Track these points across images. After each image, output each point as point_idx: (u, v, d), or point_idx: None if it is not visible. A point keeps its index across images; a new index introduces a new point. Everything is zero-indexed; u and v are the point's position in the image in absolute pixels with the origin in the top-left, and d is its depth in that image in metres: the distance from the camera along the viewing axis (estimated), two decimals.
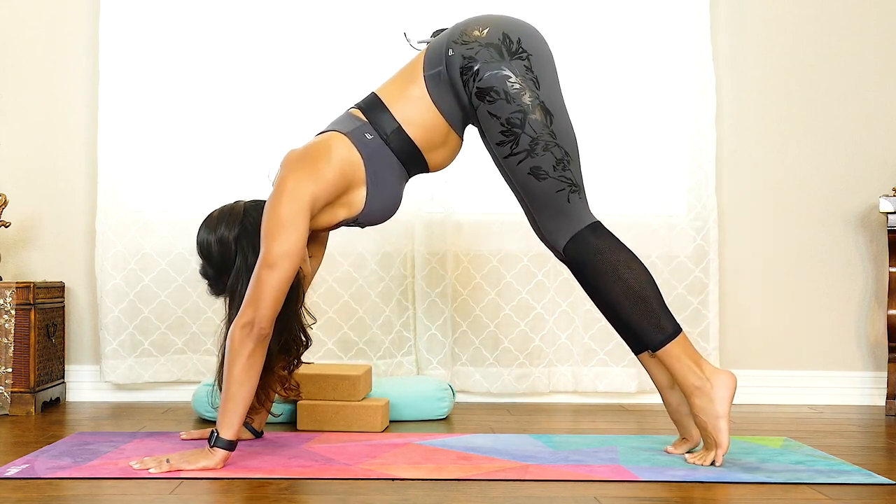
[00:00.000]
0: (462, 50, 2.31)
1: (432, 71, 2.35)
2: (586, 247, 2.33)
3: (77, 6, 3.41)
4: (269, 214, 2.26)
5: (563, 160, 2.30)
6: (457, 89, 2.34)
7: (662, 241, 3.41)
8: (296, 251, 2.23)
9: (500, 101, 2.28)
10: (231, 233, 2.40)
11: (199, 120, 3.38)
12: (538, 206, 2.35)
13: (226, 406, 2.23)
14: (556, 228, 2.35)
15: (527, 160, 2.30)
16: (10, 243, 3.39)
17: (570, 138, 2.33)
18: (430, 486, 2.10)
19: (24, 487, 2.06)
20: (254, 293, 2.21)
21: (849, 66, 3.51)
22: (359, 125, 2.37)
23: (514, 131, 2.29)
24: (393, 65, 3.32)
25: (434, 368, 3.35)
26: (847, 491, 2.10)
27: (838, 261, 3.50)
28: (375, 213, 2.42)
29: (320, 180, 2.29)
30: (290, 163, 2.32)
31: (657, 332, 2.31)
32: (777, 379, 3.46)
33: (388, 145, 2.36)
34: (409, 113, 2.36)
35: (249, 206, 2.46)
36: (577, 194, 2.33)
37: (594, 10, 3.43)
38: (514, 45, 2.30)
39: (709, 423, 2.29)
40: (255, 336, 2.21)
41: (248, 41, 3.39)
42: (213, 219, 2.45)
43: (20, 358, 3.07)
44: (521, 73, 2.28)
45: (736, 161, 3.50)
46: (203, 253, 2.44)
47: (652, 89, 3.43)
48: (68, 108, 3.42)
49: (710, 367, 2.32)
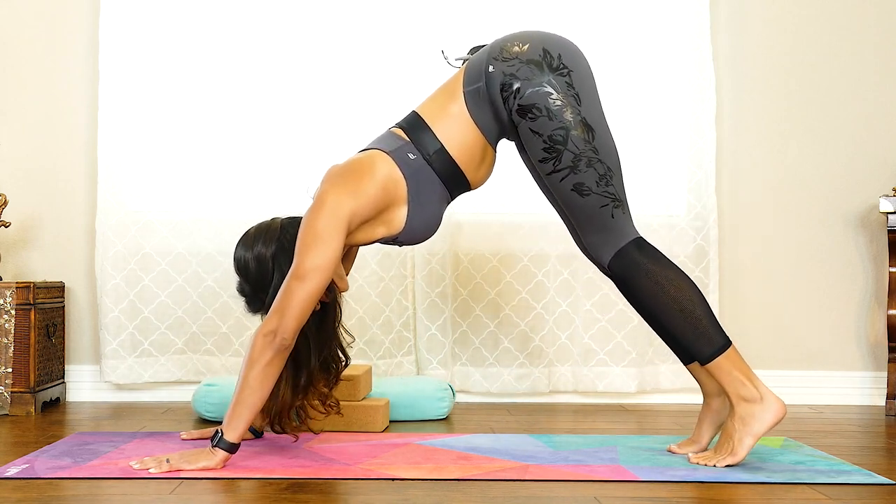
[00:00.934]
0: (503, 66, 2.30)
1: (471, 87, 2.35)
2: (631, 262, 2.32)
3: (77, 6, 3.41)
4: (306, 227, 2.24)
5: (605, 175, 2.30)
6: (496, 106, 2.33)
7: (662, 241, 3.40)
8: (328, 265, 2.22)
9: (542, 119, 2.28)
10: (268, 250, 2.38)
11: (199, 120, 3.38)
12: (582, 221, 2.35)
13: (234, 410, 2.22)
14: (600, 243, 2.34)
15: (570, 177, 2.29)
16: (10, 243, 3.39)
17: (612, 153, 2.33)
18: (430, 486, 2.10)
19: (24, 487, 2.06)
20: (281, 303, 2.20)
21: (849, 66, 3.51)
22: (401, 144, 2.36)
23: (556, 148, 2.28)
24: (392, 64, 3.36)
25: (434, 368, 3.35)
26: (847, 491, 2.10)
27: (838, 261, 3.50)
28: (416, 233, 2.41)
29: (360, 197, 2.28)
30: (332, 178, 2.32)
31: (706, 346, 2.30)
32: (777, 379, 3.44)
33: (430, 165, 2.35)
34: (451, 132, 2.35)
35: (286, 222, 2.43)
36: (620, 209, 2.32)
37: (594, 10, 3.43)
38: (555, 61, 2.29)
39: (738, 432, 2.28)
40: (276, 345, 2.20)
41: (248, 41, 3.39)
42: (249, 236, 2.44)
43: (20, 358, 3.07)
44: (562, 89, 2.28)
45: (736, 161, 3.50)
46: (240, 270, 2.42)
47: (652, 89, 3.43)
48: (68, 108, 3.42)
49: (762, 384, 2.31)
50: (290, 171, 3.39)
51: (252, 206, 3.37)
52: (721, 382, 2.31)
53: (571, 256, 3.39)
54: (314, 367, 2.40)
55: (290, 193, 3.38)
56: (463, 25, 3.39)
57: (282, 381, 2.36)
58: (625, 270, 2.33)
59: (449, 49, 2.83)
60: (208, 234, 3.35)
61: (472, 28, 3.38)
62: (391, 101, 3.36)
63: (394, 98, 3.36)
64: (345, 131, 3.37)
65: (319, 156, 3.38)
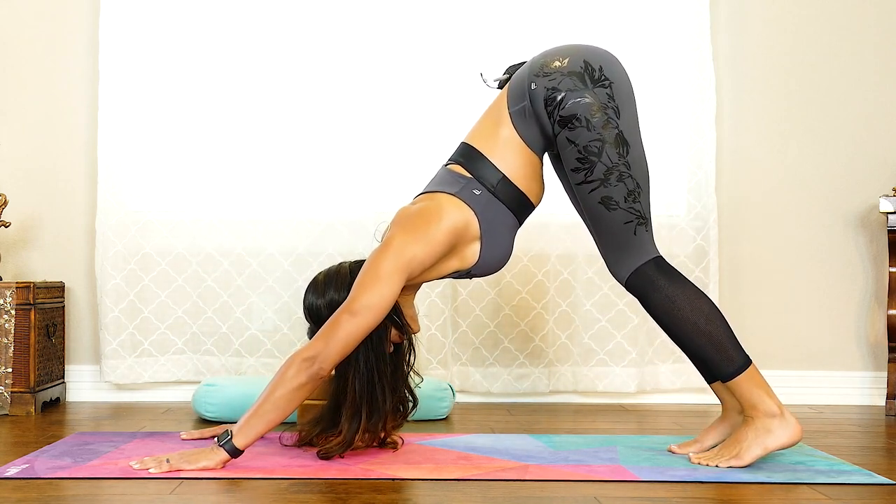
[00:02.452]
0: (545, 82, 2.31)
1: (517, 107, 2.36)
2: (648, 281, 2.33)
3: (77, 6, 3.41)
4: (369, 265, 2.25)
5: (634, 192, 2.31)
6: (542, 121, 2.34)
7: (662, 241, 3.40)
8: (382, 306, 2.21)
9: (580, 129, 2.28)
10: (340, 296, 2.35)
11: (199, 120, 3.39)
12: (604, 234, 2.36)
13: (251, 419, 2.21)
14: (620, 259, 2.35)
15: (599, 189, 2.30)
16: (10, 243, 3.39)
17: (643, 169, 2.34)
18: (430, 486, 2.10)
19: (24, 487, 2.06)
20: (327, 332, 2.20)
21: (849, 66, 3.51)
22: (465, 182, 2.36)
23: (590, 159, 2.29)
24: (391, 66, 3.36)
25: (434, 368, 3.35)
26: (847, 491, 2.10)
27: (838, 261, 3.50)
28: (489, 265, 2.42)
29: (429, 244, 2.28)
30: (402, 221, 2.32)
31: (726, 365, 2.31)
32: (777, 379, 3.44)
33: (496, 197, 2.36)
34: (507, 158, 2.36)
35: (354, 266, 2.42)
36: (644, 227, 2.33)
37: (595, 10, 3.43)
38: (597, 73, 2.30)
39: (748, 440, 2.28)
40: (312, 372, 2.19)
41: (248, 41, 3.39)
42: (319, 283, 2.42)
43: (20, 358, 3.07)
44: (603, 100, 2.28)
45: (736, 161, 3.50)
46: (312, 317, 2.41)
47: (652, 89, 3.43)
48: (68, 108, 3.42)
49: (781, 404, 2.31)
50: (290, 171, 3.39)
51: (252, 205, 3.37)
52: (741, 399, 2.31)
53: (571, 256, 3.39)
54: (387, 409, 2.37)
55: (290, 193, 3.39)
56: (459, 34, 3.39)
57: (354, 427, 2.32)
58: (642, 288, 2.34)
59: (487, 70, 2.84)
60: (208, 234, 3.35)
61: (470, 37, 3.38)
62: (390, 102, 3.36)
63: (392, 100, 3.36)
64: (345, 131, 3.37)
65: (320, 155, 3.39)
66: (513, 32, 3.40)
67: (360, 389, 2.32)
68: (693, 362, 2.40)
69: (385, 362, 2.36)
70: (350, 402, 2.33)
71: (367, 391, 2.33)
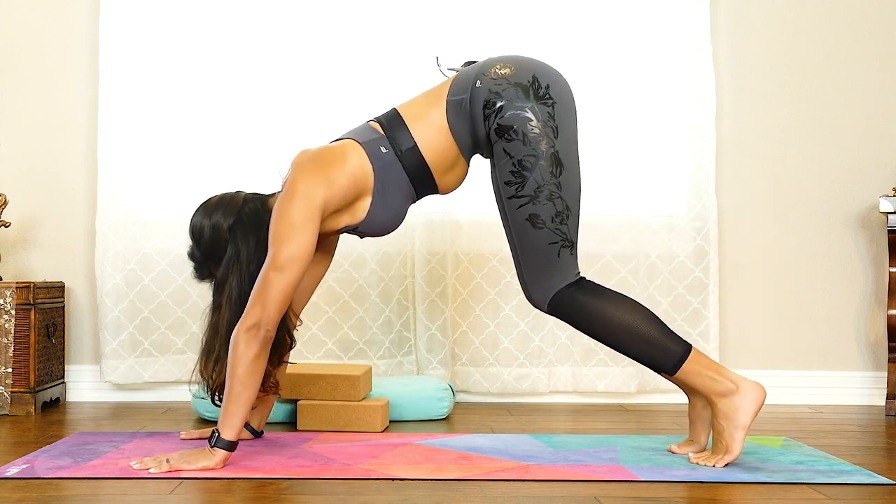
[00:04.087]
0: (490, 84, 2.31)
1: (455, 98, 2.35)
2: (571, 302, 2.32)
3: (77, 6, 3.41)
4: (280, 217, 2.26)
5: (562, 213, 2.30)
6: (475, 120, 2.34)
7: (662, 241, 3.41)
8: (306, 255, 2.24)
9: (516, 142, 2.28)
10: (226, 221, 2.40)
11: (199, 120, 3.39)
12: (528, 254, 2.34)
13: (228, 408, 2.23)
14: (540, 281, 2.33)
15: (528, 206, 2.30)
16: (10, 243, 3.39)
17: (575, 193, 2.33)
18: (430, 486, 2.10)
19: (24, 487, 2.06)
20: (261, 295, 2.22)
21: (849, 66, 3.51)
22: (375, 137, 2.37)
23: (523, 174, 2.29)
24: (390, 70, 3.36)
25: (434, 368, 3.35)
26: (847, 491, 2.10)
27: (838, 261, 3.50)
28: (376, 225, 2.42)
29: (332, 186, 2.30)
30: (303, 165, 2.33)
31: (667, 359, 2.32)
32: (777, 379, 3.45)
33: (401, 161, 2.36)
34: (426, 134, 2.36)
35: (249, 197, 2.46)
36: (568, 250, 2.32)
37: (594, 10, 3.43)
38: (542, 90, 2.30)
39: (726, 430, 2.29)
40: (261, 338, 2.22)
41: (248, 41, 3.39)
42: (210, 204, 2.46)
43: (20, 358, 3.07)
44: (543, 118, 2.28)
45: (736, 161, 3.50)
46: (194, 236, 2.45)
47: (652, 89, 3.43)
48: (68, 108, 3.42)
49: (735, 375, 2.32)
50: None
51: None
52: (694, 386, 2.33)
53: None
54: None
55: None
56: (459, 28, 3.39)
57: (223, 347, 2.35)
58: (566, 310, 2.33)
59: (444, 57, 2.87)
60: None
61: (469, 31, 3.39)
62: (387, 105, 3.36)
63: (391, 102, 3.36)
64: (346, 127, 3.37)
65: None
66: (513, 32, 3.40)
67: (231, 316, 2.33)
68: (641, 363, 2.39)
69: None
70: (224, 329, 2.34)
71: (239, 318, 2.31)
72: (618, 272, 3.40)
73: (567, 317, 2.35)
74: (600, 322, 2.32)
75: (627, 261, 3.40)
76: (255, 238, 2.39)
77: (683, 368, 2.31)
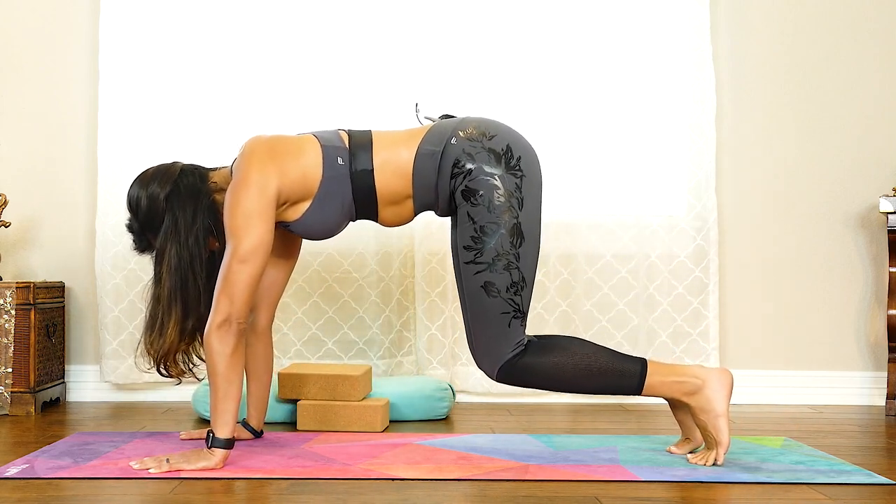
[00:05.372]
0: (464, 144, 2.31)
1: (427, 148, 2.33)
2: (519, 369, 2.30)
3: (77, 6, 3.41)
4: (235, 208, 2.25)
5: (518, 284, 2.29)
6: (442, 175, 2.32)
7: (662, 241, 3.41)
8: (266, 244, 2.25)
9: (481, 207, 2.28)
10: (163, 190, 2.39)
11: (199, 120, 3.39)
12: (478, 321, 2.32)
13: (218, 407, 2.23)
14: (490, 349, 2.31)
15: (484, 273, 2.28)
16: (10, 243, 3.39)
17: (532, 266, 2.33)
18: (430, 486, 2.10)
19: (24, 487, 2.06)
20: (227, 289, 2.22)
21: (849, 66, 3.51)
22: (338, 146, 2.36)
23: (483, 240, 2.28)
24: (390, 72, 3.36)
25: (434, 368, 3.35)
26: (847, 491, 2.10)
27: (838, 261, 3.50)
28: (307, 230, 2.40)
29: (285, 177, 2.30)
30: (256, 152, 2.32)
31: (629, 382, 2.32)
32: (777, 379, 3.46)
33: (351, 179, 2.35)
34: (387, 167, 2.35)
35: (188, 168, 2.45)
36: (519, 321, 2.31)
37: (594, 10, 3.43)
38: (514, 161, 2.30)
39: (708, 423, 2.31)
40: (234, 332, 2.23)
41: (248, 41, 3.39)
42: (147, 175, 2.45)
43: (20, 358, 3.07)
44: (510, 188, 2.28)
45: (736, 161, 3.50)
46: (131, 207, 2.43)
47: (652, 89, 3.43)
48: (68, 108, 3.42)
49: (697, 368, 2.34)
50: None
51: None
52: (663, 396, 2.35)
53: (571, 256, 3.39)
54: (203, 312, 2.36)
55: None
56: (460, 28, 3.40)
57: (170, 323, 2.35)
58: (519, 377, 2.31)
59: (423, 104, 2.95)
60: None
61: (469, 30, 3.39)
62: (392, 106, 3.36)
63: (394, 104, 3.36)
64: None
65: None
66: (513, 32, 3.41)
67: (171, 285, 2.34)
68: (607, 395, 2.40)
69: (199, 261, 2.36)
70: (166, 298, 2.35)
71: (179, 286, 2.33)
72: (618, 272, 3.40)
73: (519, 382, 2.33)
74: (554, 377, 2.31)
75: (627, 261, 3.41)
76: (192, 208, 2.38)
77: (647, 384, 2.32)
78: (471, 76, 3.40)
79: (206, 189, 2.41)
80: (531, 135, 3.38)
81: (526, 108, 3.40)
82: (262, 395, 2.62)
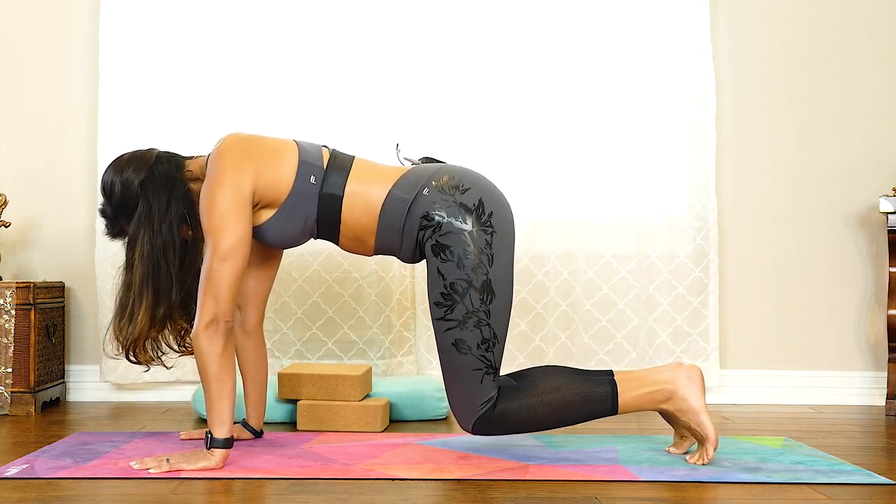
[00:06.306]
0: (437, 196, 2.30)
1: (399, 194, 2.32)
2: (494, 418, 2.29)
3: (77, 6, 3.41)
4: (212, 208, 2.25)
5: (489, 341, 2.28)
6: (411, 223, 2.31)
7: (662, 241, 3.41)
8: (246, 241, 2.25)
9: (451, 263, 2.27)
10: (137, 176, 2.37)
11: (198, 120, 3.38)
12: (451, 376, 2.31)
13: (214, 407, 2.23)
14: (464, 403, 2.30)
15: (455, 330, 2.27)
16: (10, 243, 3.39)
17: (503, 322, 2.31)
18: (430, 486, 2.10)
19: (24, 487, 2.06)
20: (211, 289, 2.22)
21: (849, 66, 3.51)
22: (315, 164, 2.35)
23: (453, 297, 2.27)
24: (390, 74, 3.36)
25: (434, 368, 3.35)
26: (847, 491, 2.10)
27: (838, 261, 3.50)
28: (267, 238, 2.39)
29: (260, 178, 2.29)
30: (231, 151, 2.31)
31: (603, 404, 2.31)
32: (777, 379, 3.46)
33: (319, 200, 2.34)
34: (356, 200, 2.33)
35: (164, 156, 2.43)
36: (491, 377, 2.29)
37: (594, 10, 3.43)
38: (485, 217, 2.29)
39: (692, 422, 2.31)
40: (222, 331, 2.23)
41: (248, 41, 3.39)
42: (122, 161, 2.43)
43: (20, 358, 3.07)
44: (480, 245, 2.27)
45: (736, 161, 3.50)
46: (105, 192, 2.41)
47: (652, 89, 3.43)
48: (68, 108, 3.42)
49: (664, 372, 2.33)
50: None
51: None
52: (640, 409, 2.34)
53: (571, 256, 3.39)
54: (175, 300, 2.36)
55: None
56: (461, 24, 3.40)
57: (141, 309, 2.34)
58: (493, 426, 2.30)
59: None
60: None
61: (470, 29, 3.39)
62: (392, 106, 3.36)
63: (395, 105, 3.36)
64: (344, 130, 3.37)
65: None
66: (513, 32, 3.40)
67: (143, 272, 2.32)
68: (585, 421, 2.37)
69: (172, 249, 2.34)
70: (137, 285, 2.33)
71: (151, 273, 2.31)
72: (618, 272, 3.40)
73: (499, 431, 2.32)
74: (529, 420, 2.31)
75: (627, 261, 3.40)
76: (166, 195, 2.36)
77: (621, 403, 2.31)
78: (471, 76, 3.40)
79: (181, 177, 2.39)
80: (532, 135, 3.41)
81: (526, 108, 3.40)
82: (259, 395, 2.62)
